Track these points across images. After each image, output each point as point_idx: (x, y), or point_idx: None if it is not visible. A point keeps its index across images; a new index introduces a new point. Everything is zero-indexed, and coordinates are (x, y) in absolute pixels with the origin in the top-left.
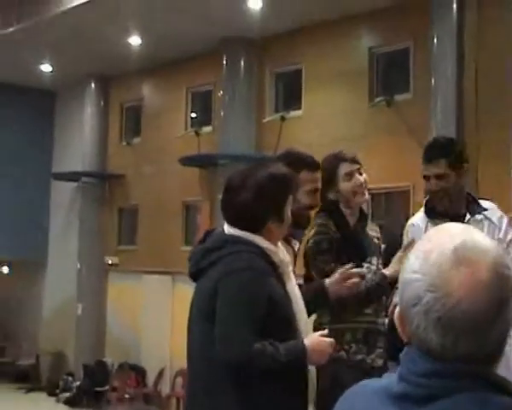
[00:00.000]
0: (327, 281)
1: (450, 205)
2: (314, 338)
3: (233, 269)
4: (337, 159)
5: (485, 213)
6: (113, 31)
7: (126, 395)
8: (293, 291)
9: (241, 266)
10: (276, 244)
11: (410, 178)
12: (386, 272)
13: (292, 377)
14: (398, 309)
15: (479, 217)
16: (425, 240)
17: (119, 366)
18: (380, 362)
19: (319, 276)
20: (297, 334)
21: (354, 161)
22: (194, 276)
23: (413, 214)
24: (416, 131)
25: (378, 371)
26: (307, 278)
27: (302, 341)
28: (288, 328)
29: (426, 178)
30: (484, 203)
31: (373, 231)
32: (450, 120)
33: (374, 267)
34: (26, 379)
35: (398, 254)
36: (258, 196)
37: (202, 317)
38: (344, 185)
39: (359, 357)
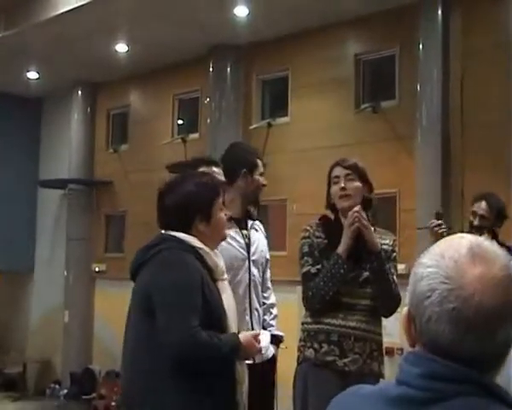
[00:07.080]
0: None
1: None
2: (246, 336)
3: (165, 262)
4: (334, 163)
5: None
6: (100, 38)
7: (113, 403)
8: (228, 299)
9: (172, 259)
10: (210, 247)
11: (396, 184)
12: (339, 249)
13: (221, 377)
14: (405, 308)
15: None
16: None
17: (106, 374)
18: (353, 367)
19: (301, 277)
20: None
21: (346, 166)
22: (133, 275)
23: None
24: (402, 137)
25: (354, 377)
26: None
27: (237, 335)
28: (219, 327)
29: None
30: None
31: (384, 239)
32: (436, 125)
33: None
34: (13, 387)
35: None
36: (183, 197)
37: (142, 314)
38: (331, 189)
39: (329, 358)
